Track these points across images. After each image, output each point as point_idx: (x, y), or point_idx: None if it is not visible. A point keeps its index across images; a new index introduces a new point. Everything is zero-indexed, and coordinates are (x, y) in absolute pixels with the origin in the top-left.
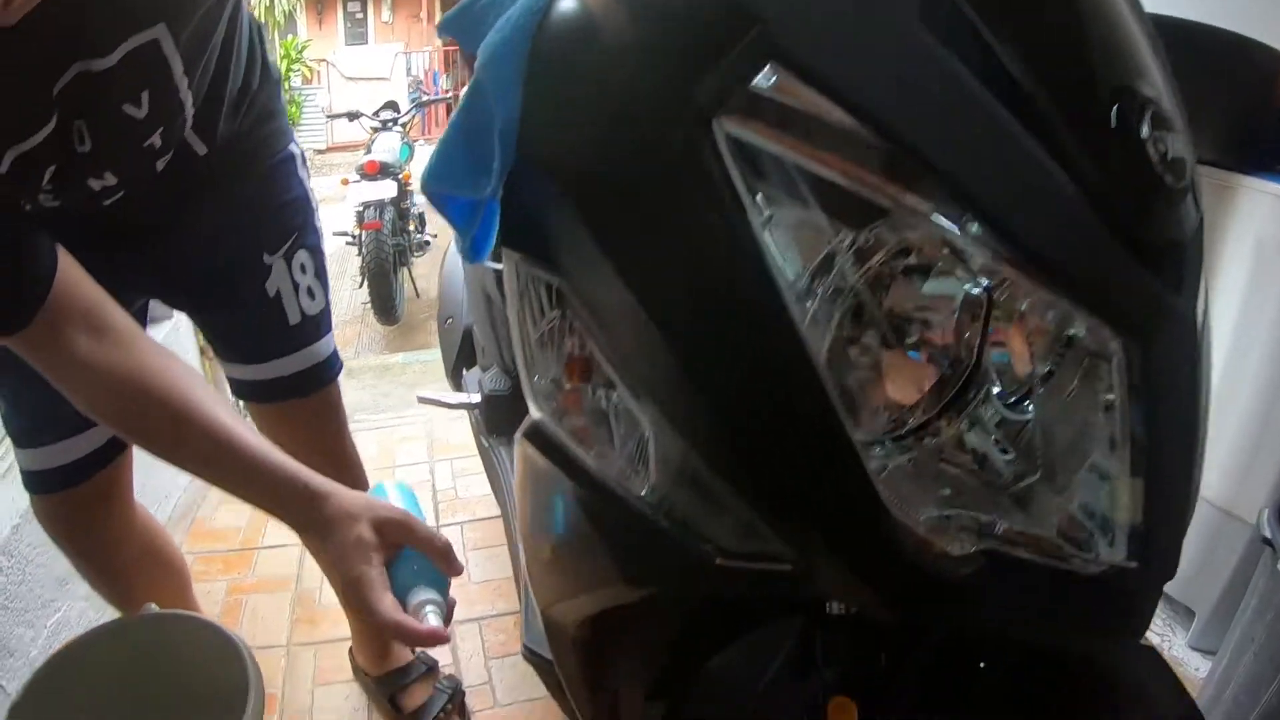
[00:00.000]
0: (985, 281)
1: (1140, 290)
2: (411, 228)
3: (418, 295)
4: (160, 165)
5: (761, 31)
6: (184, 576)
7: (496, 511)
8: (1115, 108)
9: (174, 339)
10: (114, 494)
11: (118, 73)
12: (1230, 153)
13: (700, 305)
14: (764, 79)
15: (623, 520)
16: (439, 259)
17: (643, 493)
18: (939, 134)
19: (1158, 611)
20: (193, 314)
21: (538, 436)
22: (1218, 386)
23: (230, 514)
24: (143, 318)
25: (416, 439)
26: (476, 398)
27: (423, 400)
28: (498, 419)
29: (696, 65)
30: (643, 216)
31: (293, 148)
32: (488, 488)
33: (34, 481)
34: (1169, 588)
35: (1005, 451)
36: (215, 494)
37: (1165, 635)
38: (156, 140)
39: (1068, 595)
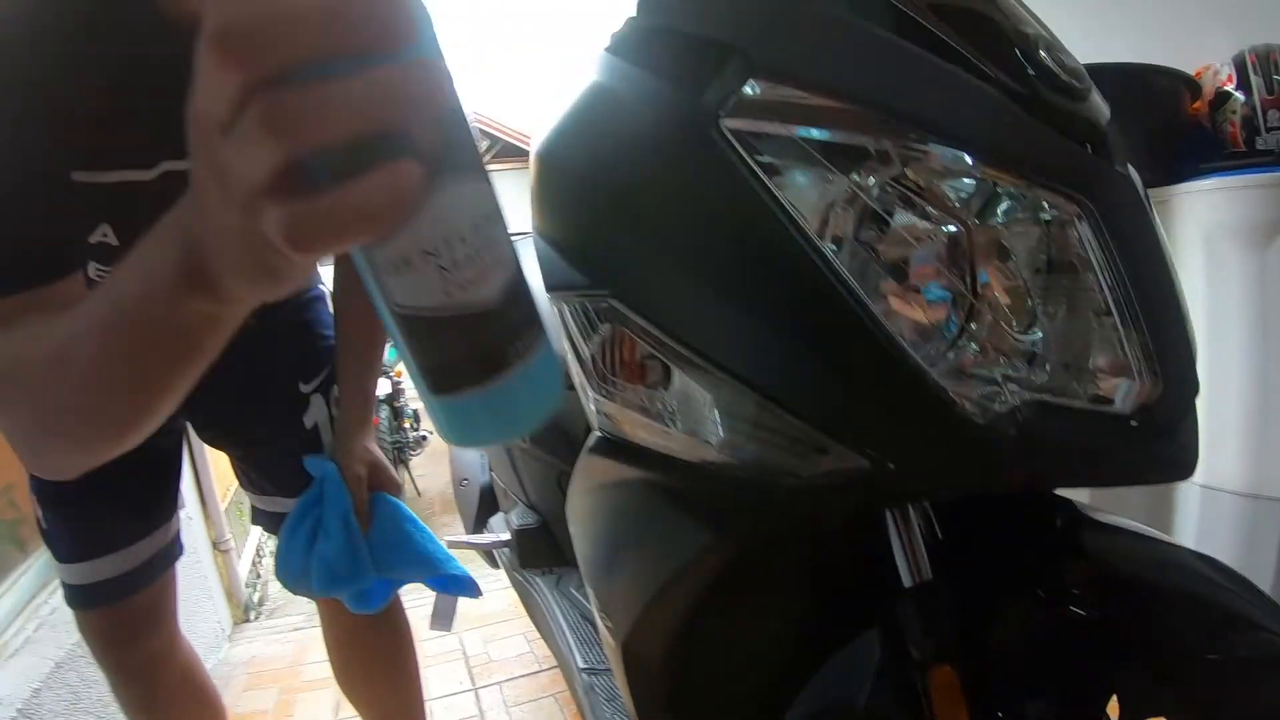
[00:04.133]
0: (967, 182)
1: (1081, 162)
2: (407, 425)
3: (419, 494)
4: None
5: (741, 56)
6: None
7: (532, 668)
8: (1017, 46)
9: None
10: (158, 611)
11: (153, 187)
12: (1157, 170)
13: (745, 264)
14: (750, 88)
15: (701, 485)
16: (435, 456)
17: (714, 455)
18: (893, 89)
19: None
20: (227, 446)
21: (604, 446)
22: (1210, 376)
23: (258, 697)
24: (179, 444)
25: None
26: (506, 536)
27: (453, 544)
28: (530, 552)
29: (698, 86)
30: (679, 207)
31: (321, 287)
32: (519, 648)
33: (78, 597)
34: None
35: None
36: (241, 679)
37: None
38: None
39: (1115, 436)
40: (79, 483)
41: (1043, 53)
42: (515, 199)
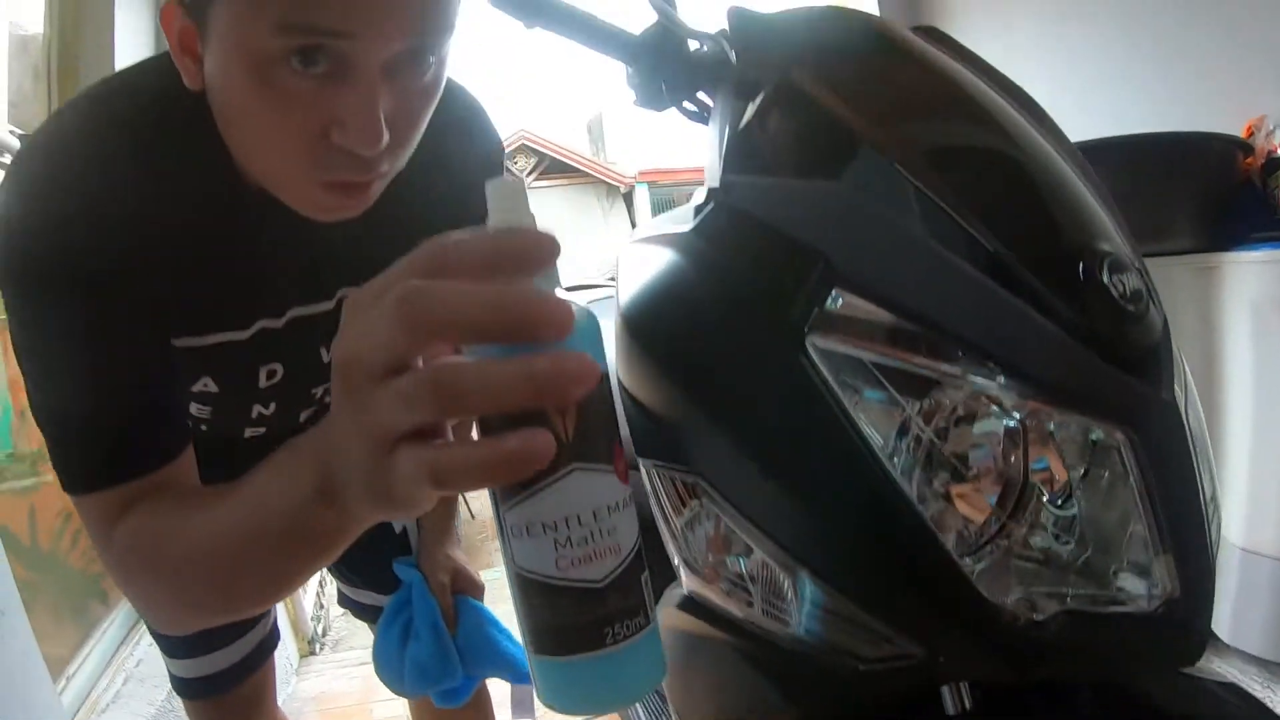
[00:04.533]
0: (1018, 415)
1: (1128, 392)
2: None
3: (472, 516)
4: (304, 417)
5: (826, 265)
6: None
7: None
8: (1080, 265)
9: None
10: (260, 696)
11: (327, 316)
12: (1208, 235)
13: (819, 473)
14: (833, 301)
15: (775, 655)
16: None
17: (788, 630)
18: (958, 316)
19: (1259, 675)
20: None
21: (690, 605)
22: (1254, 444)
23: None
24: None
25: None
26: None
27: None
28: None
29: (785, 297)
30: (764, 415)
31: None
32: None
33: (186, 689)
34: (1263, 650)
35: (1061, 540)
36: (312, 716)
37: (1268, 697)
38: (319, 390)
39: (1133, 632)
40: None
41: (1105, 274)
42: (562, 213)
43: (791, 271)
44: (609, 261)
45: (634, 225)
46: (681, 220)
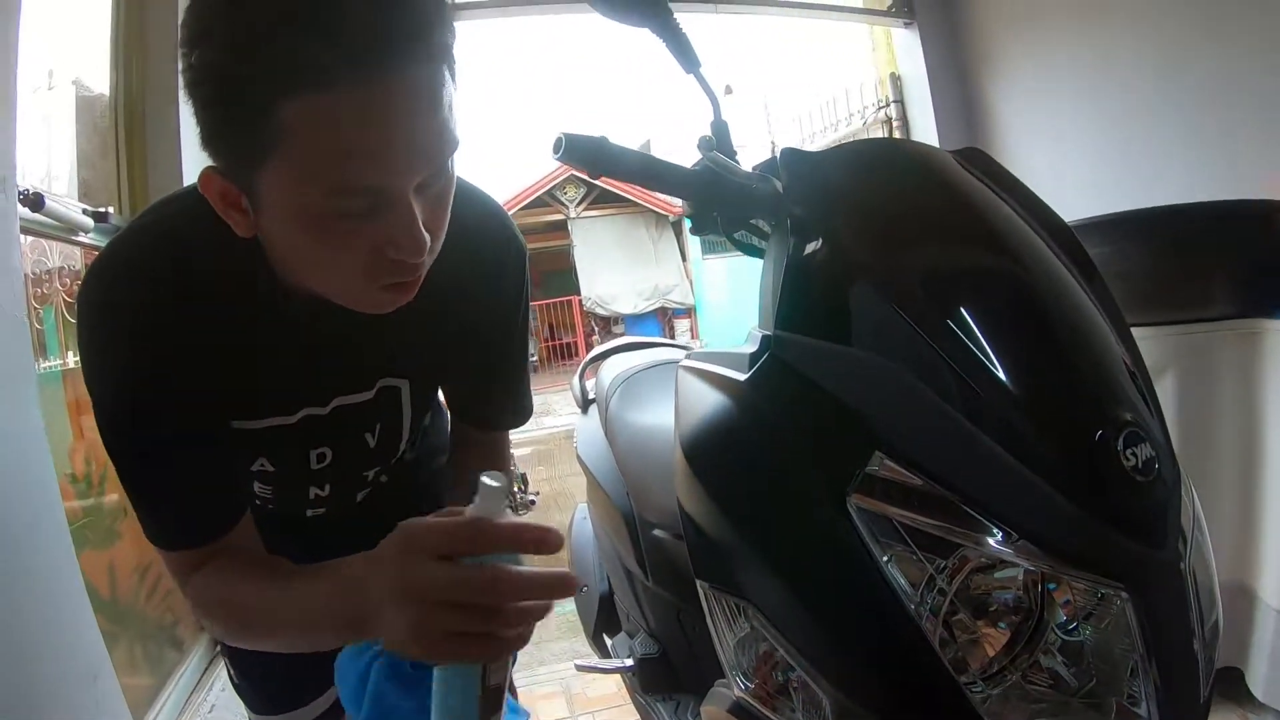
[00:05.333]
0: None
1: (1130, 555)
2: (515, 489)
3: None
4: (360, 497)
5: (868, 431)
6: None
7: None
8: (1097, 434)
9: None
10: None
11: (370, 405)
12: (1254, 300)
13: (853, 615)
14: (875, 464)
15: None
16: (542, 518)
17: None
18: (979, 485)
19: None
20: None
21: (739, 710)
22: None
23: None
24: None
25: (555, 696)
26: (629, 661)
27: (581, 668)
28: (652, 680)
29: (831, 457)
30: (808, 560)
31: None
32: None
33: None
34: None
35: (1069, 668)
36: None
37: None
38: (370, 473)
39: None
40: (264, 653)
41: (1120, 444)
42: (611, 242)
43: (837, 434)
44: (658, 290)
45: (684, 257)
46: (736, 363)
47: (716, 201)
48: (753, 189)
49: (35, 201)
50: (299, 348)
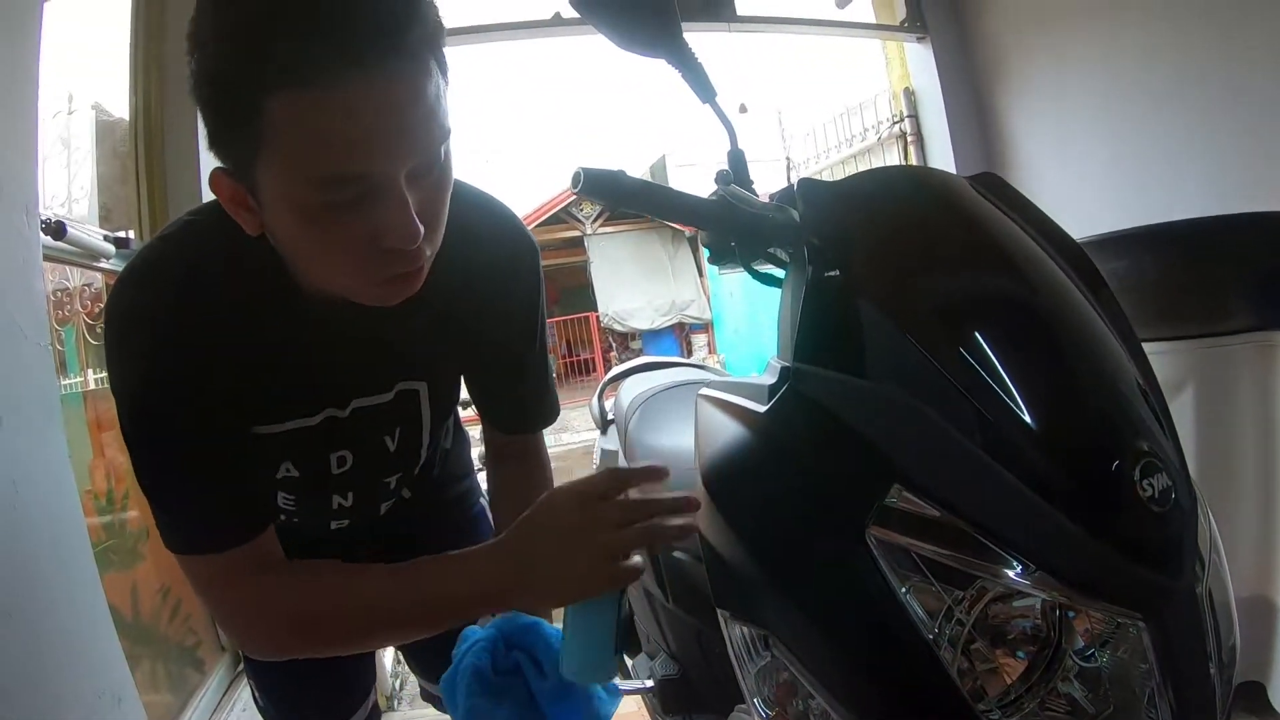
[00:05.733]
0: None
1: (1147, 585)
2: None
3: None
4: (384, 509)
5: (886, 464)
6: None
7: None
8: (1114, 465)
9: None
10: None
11: (388, 407)
12: (1273, 312)
13: (873, 645)
14: (893, 498)
15: None
16: None
17: None
18: (997, 517)
19: None
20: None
21: None
22: None
23: None
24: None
25: None
26: (650, 683)
27: None
28: (673, 701)
29: (850, 489)
30: (827, 591)
31: (483, 500)
32: None
33: None
34: None
35: (1086, 694)
36: None
37: None
38: (393, 482)
39: None
40: (290, 677)
41: (1137, 475)
42: (628, 258)
43: (856, 467)
44: (675, 306)
45: (700, 272)
46: (755, 394)
47: (734, 232)
48: (770, 219)
49: (57, 230)
50: (317, 349)
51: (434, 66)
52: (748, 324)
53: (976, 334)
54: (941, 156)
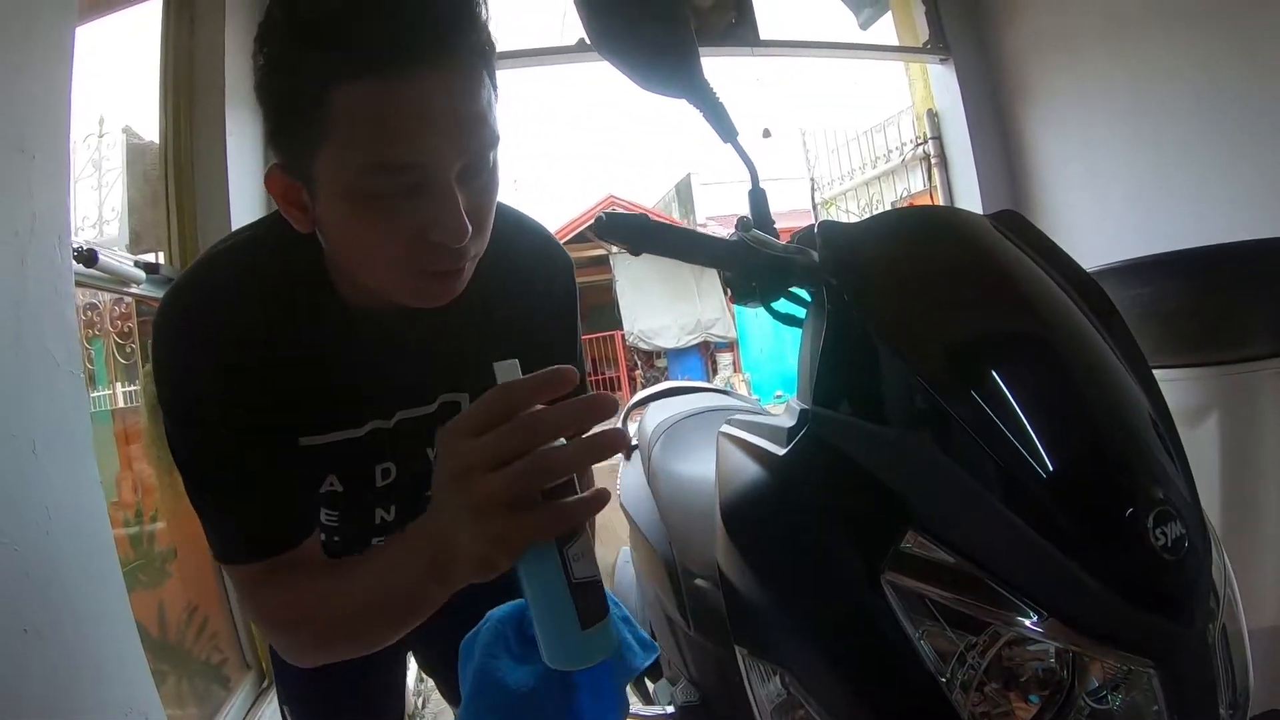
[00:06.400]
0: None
1: (1157, 632)
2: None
3: None
4: None
5: (902, 510)
6: None
7: None
8: (1127, 512)
9: None
10: None
11: (431, 419)
12: None
13: (885, 684)
14: (908, 543)
15: None
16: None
17: None
18: (1008, 565)
19: None
20: (438, 671)
21: None
22: None
23: None
24: (403, 670)
25: None
26: (671, 709)
27: None
28: None
29: (866, 534)
30: (843, 633)
31: None
32: None
33: None
34: None
35: None
36: None
37: None
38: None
39: None
40: (320, 692)
41: (1150, 523)
42: (652, 279)
43: (872, 511)
44: (701, 325)
45: (726, 291)
46: (775, 436)
47: (754, 274)
48: (790, 260)
49: (89, 258)
50: (363, 361)
51: (486, 77)
52: (773, 343)
53: (991, 379)
54: (965, 179)
